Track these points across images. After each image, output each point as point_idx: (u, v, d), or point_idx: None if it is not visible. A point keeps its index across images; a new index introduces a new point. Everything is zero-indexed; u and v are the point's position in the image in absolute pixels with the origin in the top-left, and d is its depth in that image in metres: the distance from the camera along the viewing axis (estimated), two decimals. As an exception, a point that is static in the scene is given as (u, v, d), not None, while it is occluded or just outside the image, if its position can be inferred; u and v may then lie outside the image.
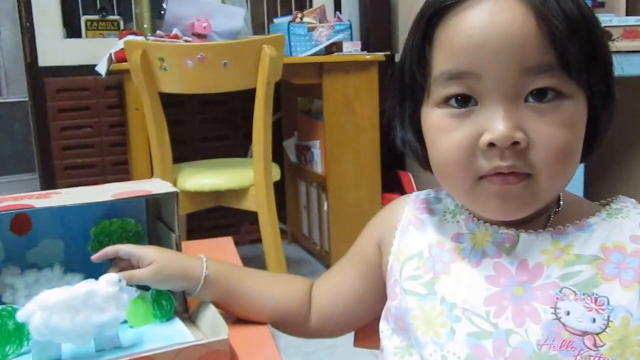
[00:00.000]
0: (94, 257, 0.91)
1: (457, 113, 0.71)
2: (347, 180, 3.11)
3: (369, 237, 0.93)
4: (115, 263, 0.92)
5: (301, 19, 3.15)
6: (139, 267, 0.89)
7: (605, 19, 2.77)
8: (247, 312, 0.93)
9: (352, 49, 3.11)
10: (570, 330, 0.68)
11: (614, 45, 0.75)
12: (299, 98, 3.50)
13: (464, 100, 0.70)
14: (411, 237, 0.85)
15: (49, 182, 3.36)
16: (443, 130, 0.72)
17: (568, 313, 0.69)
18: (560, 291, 0.70)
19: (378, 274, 0.90)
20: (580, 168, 3.06)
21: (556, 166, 0.69)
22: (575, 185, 2.65)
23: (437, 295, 0.78)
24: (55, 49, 3.28)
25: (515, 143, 0.67)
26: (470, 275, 0.76)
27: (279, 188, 3.08)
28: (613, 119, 0.75)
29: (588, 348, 0.67)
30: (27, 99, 3.31)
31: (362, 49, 3.22)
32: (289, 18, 3.19)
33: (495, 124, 0.67)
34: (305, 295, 0.95)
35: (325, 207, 3.18)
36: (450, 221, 0.83)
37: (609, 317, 0.68)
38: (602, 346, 0.67)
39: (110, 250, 0.91)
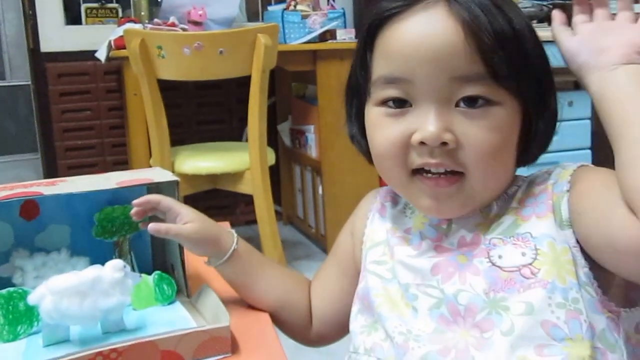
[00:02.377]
0: (136, 202, 0.90)
1: (393, 112, 0.76)
2: (343, 164, 3.05)
3: (346, 231, 0.97)
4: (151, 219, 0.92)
5: (295, 6, 3.11)
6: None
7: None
8: (257, 297, 0.94)
9: (345, 36, 3.10)
10: (506, 270, 0.72)
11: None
12: (293, 83, 3.49)
13: (400, 102, 0.75)
14: (376, 225, 0.90)
15: (50, 162, 3.41)
16: (380, 127, 0.77)
17: (500, 257, 0.73)
18: (489, 242, 0.75)
19: (357, 266, 0.92)
20: (588, 155, 3.08)
21: (485, 167, 0.73)
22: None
23: (397, 278, 0.82)
24: (57, 35, 3.31)
25: (444, 143, 0.72)
26: (416, 256, 0.81)
27: (274, 171, 3.06)
28: (554, 125, 0.79)
29: (527, 278, 0.71)
30: (29, 82, 3.33)
31: (356, 37, 3.15)
32: (283, 6, 3.17)
33: (426, 124, 0.72)
34: (308, 295, 0.97)
35: (320, 191, 3.16)
36: (409, 216, 0.87)
37: (535, 246, 0.72)
38: (538, 272, 0.70)
39: (152, 198, 0.91)
